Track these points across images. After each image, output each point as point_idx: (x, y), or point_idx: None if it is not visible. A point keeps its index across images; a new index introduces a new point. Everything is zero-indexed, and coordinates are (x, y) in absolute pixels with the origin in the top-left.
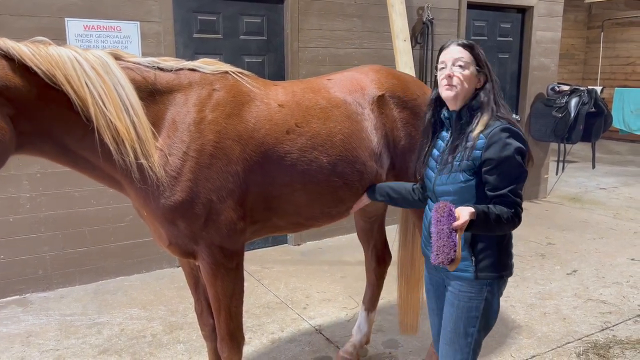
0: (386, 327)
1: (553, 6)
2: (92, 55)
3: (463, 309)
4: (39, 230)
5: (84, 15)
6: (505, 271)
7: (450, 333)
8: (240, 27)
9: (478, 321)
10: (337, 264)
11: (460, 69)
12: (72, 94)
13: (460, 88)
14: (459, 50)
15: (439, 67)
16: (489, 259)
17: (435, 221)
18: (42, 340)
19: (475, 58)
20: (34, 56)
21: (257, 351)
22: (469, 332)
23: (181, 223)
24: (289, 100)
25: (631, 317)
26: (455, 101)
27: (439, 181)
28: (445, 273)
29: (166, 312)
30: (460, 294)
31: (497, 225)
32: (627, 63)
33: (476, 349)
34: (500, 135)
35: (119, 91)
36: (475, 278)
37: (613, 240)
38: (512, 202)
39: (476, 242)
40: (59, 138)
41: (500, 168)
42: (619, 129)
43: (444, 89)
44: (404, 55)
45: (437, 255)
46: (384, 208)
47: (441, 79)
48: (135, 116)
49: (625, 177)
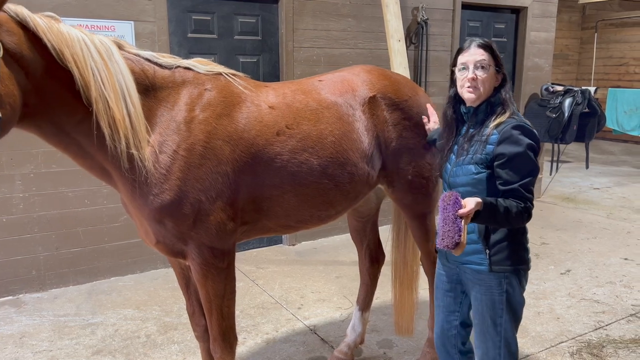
0: (381, 326)
1: (547, 7)
2: (98, 40)
3: (486, 302)
4: (33, 231)
5: (77, 15)
6: (522, 264)
7: (479, 325)
8: (234, 27)
9: (504, 312)
10: (332, 264)
11: (482, 71)
12: (76, 73)
13: (483, 90)
14: (480, 52)
15: (459, 67)
16: (503, 252)
17: (442, 208)
18: (35, 341)
19: (494, 58)
20: (48, 30)
21: (252, 351)
22: (497, 322)
23: (169, 222)
24: (280, 102)
25: (624, 317)
26: (477, 101)
27: (454, 173)
28: (464, 267)
29: (160, 312)
30: (481, 287)
31: (505, 218)
32: (620, 64)
33: (508, 338)
34: (512, 132)
35: (119, 79)
36: (490, 271)
37: (606, 240)
38: (523, 197)
39: (489, 236)
40: (58, 117)
41: (511, 163)
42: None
43: (466, 91)
44: (398, 55)
45: (443, 240)
46: (377, 208)
47: (463, 80)
48: (132, 106)
49: (619, 177)
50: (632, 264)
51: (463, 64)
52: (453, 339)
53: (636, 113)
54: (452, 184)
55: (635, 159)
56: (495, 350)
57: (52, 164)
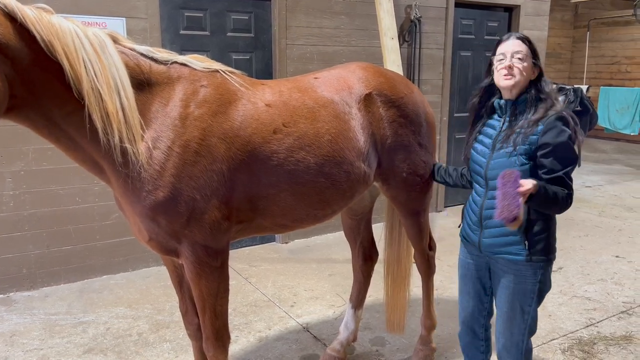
0: (373, 324)
1: (540, 5)
2: (91, 33)
3: (519, 291)
4: (23, 229)
5: (68, 11)
6: (553, 254)
7: (507, 313)
8: (227, 24)
9: (534, 301)
10: (325, 261)
11: (520, 61)
12: (67, 66)
13: (519, 78)
14: (518, 43)
15: (497, 58)
16: (541, 243)
17: (502, 185)
18: (26, 339)
19: (532, 51)
20: (37, 21)
21: (244, 349)
22: (525, 310)
23: (162, 220)
24: (276, 100)
25: (615, 314)
26: (512, 90)
27: (493, 164)
28: (497, 258)
29: (152, 310)
30: (515, 278)
31: (553, 203)
32: (612, 62)
33: (532, 324)
34: (556, 123)
35: (113, 72)
36: (529, 261)
37: (598, 238)
38: (566, 184)
39: (529, 227)
40: (47, 109)
41: (555, 152)
42: (604, 127)
43: (502, 78)
44: (391, 53)
45: (502, 212)
46: (370, 206)
47: (500, 69)
48: (126, 100)
49: (611, 175)
50: (623, 261)
51: (502, 54)
52: (482, 319)
53: (628, 111)
54: (492, 177)
55: (627, 158)
56: (520, 336)
57: (43, 162)
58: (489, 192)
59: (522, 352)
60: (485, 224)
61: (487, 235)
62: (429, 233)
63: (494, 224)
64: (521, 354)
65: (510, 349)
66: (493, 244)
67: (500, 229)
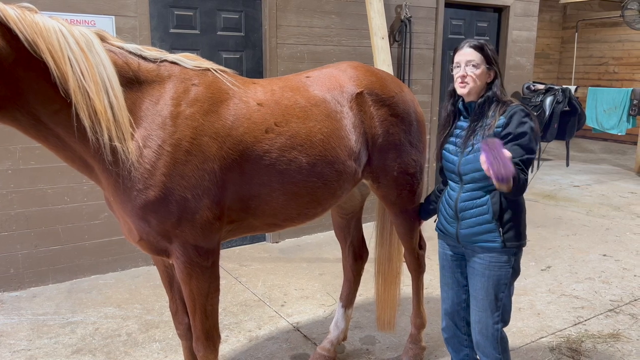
0: (363, 323)
1: (529, 6)
2: (77, 31)
3: (494, 277)
4: (11, 228)
5: (57, 9)
6: (524, 240)
7: (482, 301)
8: (217, 23)
9: (507, 287)
10: (316, 261)
11: (473, 69)
12: (52, 65)
13: (472, 85)
14: (470, 52)
15: (454, 66)
16: (514, 229)
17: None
18: (13, 340)
19: (485, 57)
20: (19, 20)
21: (235, 349)
22: (499, 297)
23: (153, 219)
24: (268, 99)
25: (603, 312)
26: (469, 95)
27: (464, 161)
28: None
29: (142, 310)
30: (490, 264)
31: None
32: (600, 63)
33: (505, 311)
34: (517, 115)
35: (100, 71)
36: (503, 247)
37: (586, 237)
38: (523, 171)
39: (502, 214)
40: (33, 109)
41: (516, 140)
42: (592, 127)
43: (459, 86)
44: (382, 52)
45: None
46: (361, 205)
47: (456, 77)
48: (115, 98)
49: (598, 174)
50: (611, 260)
51: (457, 63)
52: (462, 312)
53: (615, 112)
54: (464, 171)
55: (614, 157)
56: (495, 324)
57: (31, 161)
58: (464, 187)
59: (497, 340)
60: (462, 216)
61: (464, 227)
62: (420, 232)
63: (469, 214)
64: (497, 342)
65: (487, 336)
66: (470, 233)
67: (476, 219)
